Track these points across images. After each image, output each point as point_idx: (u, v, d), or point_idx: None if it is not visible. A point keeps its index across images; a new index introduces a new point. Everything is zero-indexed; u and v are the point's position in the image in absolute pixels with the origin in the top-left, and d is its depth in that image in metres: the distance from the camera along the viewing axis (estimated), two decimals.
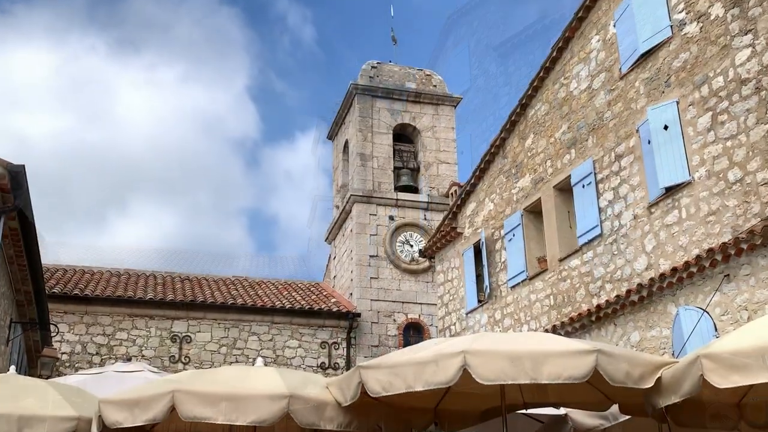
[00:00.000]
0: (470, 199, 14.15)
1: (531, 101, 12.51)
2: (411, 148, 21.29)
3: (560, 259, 11.27)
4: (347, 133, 21.70)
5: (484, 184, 13.71)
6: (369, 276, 19.30)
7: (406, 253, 19.74)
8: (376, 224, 19.86)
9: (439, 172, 20.79)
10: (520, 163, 12.60)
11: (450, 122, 21.40)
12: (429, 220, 20.22)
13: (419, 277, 19.57)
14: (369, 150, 20.38)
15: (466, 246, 13.98)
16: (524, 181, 12.42)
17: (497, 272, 12.94)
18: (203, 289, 19.28)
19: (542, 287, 11.65)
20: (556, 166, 11.65)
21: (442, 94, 21.43)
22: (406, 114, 21.14)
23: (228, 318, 17.94)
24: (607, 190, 10.46)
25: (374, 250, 19.59)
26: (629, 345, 9.53)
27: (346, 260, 20.32)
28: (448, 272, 14.64)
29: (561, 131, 11.62)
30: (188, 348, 17.46)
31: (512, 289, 12.40)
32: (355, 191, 19.94)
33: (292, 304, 18.66)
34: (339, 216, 21.01)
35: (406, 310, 19.22)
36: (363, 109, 20.70)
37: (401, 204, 20.11)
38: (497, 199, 13.20)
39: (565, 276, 11.14)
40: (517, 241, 12.26)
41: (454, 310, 14.20)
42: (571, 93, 11.48)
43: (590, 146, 10.89)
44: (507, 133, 13.09)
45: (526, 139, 12.56)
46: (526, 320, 11.94)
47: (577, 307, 10.75)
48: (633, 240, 9.90)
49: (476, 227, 13.75)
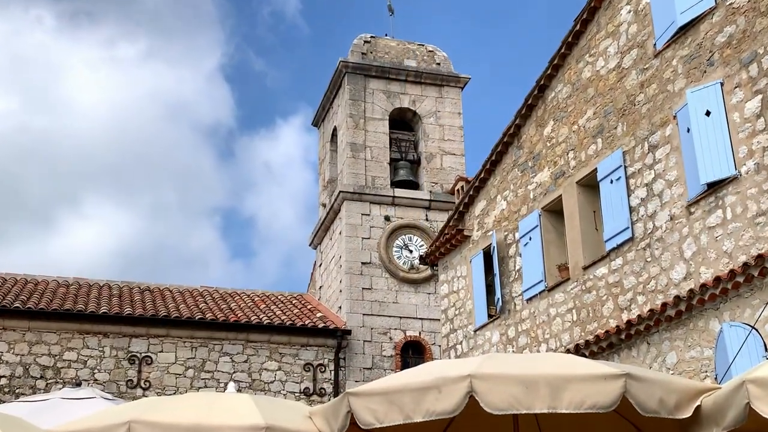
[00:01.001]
0: (479, 197, 14.16)
1: (550, 82, 12.53)
2: (411, 136, 21.32)
3: (584, 267, 11.30)
4: (335, 119, 21.70)
5: (495, 180, 13.73)
6: (361, 286, 19.31)
7: (404, 259, 19.76)
8: (370, 226, 19.88)
9: (444, 165, 20.82)
10: (538, 155, 12.62)
11: (456, 106, 21.43)
12: (431, 221, 20.24)
13: (420, 288, 19.59)
14: (361, 139, 20.40)
15: (474, 251, 14.00)
16: (542, 175, 12.45)
17: (511, 282, 12.96)
18: (166, 301, 19.26)
19: (563, 300, 11.67)
20: (579, 158, 11.68)
21: (447, 73, 21.47)
22: (405, 97, 21.16)
23: (196, 336, 17.92)
24: (639, 187, 10.48)
25: (367, 255, 19.60)
26: (664, 368, 9.56)
27: (334, 268, 20.33)
28: (453, 282, 14.66)
29: (585, 117, 11.64)
30: (149, 371, 17.44)
31: (528, 302, 12.42)
32: (344, 187, 19.95)
33: (271, 319, 18.66)
34: (326, 216, 21.01)
35: (404, 327, 19.24)
36: (354, 90, 20.72)
37: (399, 202, 20.14)
38: (511, 196, 13.22)
39: (590, 287, 11.16)
40: (534, 245, 12.28)
41: (460, 326, 14.22)
42: (598, 73, 11.50)
43: (620, 135, 10.92)
44: (522, 120, 13.10)
45: (544, 127, 12.58)
46: (545, 338, 11.96)
47: (604, 323, 10.77)
48: (669, 245, 9.93)
49: (486, 229, 13.77)
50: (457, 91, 21.54)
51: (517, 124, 13.19)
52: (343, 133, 20.79)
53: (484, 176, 13.98)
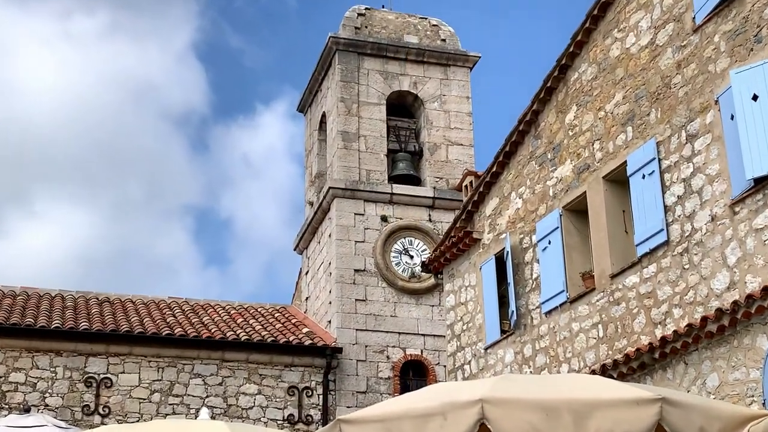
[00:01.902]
0: (491, 194, 14.18)
1: (573, 62, 12.55)
2: (411, 124, 21.35)
3: (612, 275, 11.32)
4: (324, 104, 21.72)
5: (509, 174, 13.75)
6: (353, 297, 19.32)
7: (404, 266, 19.77)
8: (364, 227, 19.89)
9: (450, 157, 20.85)
10: (559, 146, 12.65)
11: (464, 89, 21.46)
12: (435, 222, 20.25)
13: (422, 300, 19.61)
14: (354, 127, 20.42)
15: (485, 257, 14.02)
16: (564, 169, 12.47)
17: (527, 293, 12.98)
18: (129, 314, 19.23)
19: (588, 313, 11.69)
20: (606, 149, 11.70)
21: (453, 51, 21.51)
22: (405, 78, 21.18)
23: (163, 354, 17.91)
24: (675, 182, 10.50)
25: (361, 262, 19.61)
26: (705, 391, 9.58)
27: (323, 276, 20.34)
28: (460, 293, 14.67)
29: (613, 102, 11.66)
30: (108, 394, 17.42)
31: (547, 316, 12.44)
32: (334, 183, 19.97)
33: (250, 335, 18.66)
34: (313, 216, 21.03)
35: (404, 344, 19.25)
36: (346, 71, 20.74)
37: (398, 200, 20.15)
38: (527, 193, 13.24)
39: (619, 298, 11.18)
40: (554, 250, 12.30)
41: (468, 343, 14.23)
42: (628, 51, 11.52)
43: (653, 123, 10.94)
44: (541, 105, 13.12)
45: (566, 113, 12.61)
46: (566, 358, 11.97)
47: (635, 340, 10.79)
48: (710, 249, 9.95)
49: (499, 232, 13.79)
50: (465, 72, 21.56)
51: (535, 110, 13.20)
52: (333, 120, 20.81)
53: (497, 170, 13.99)
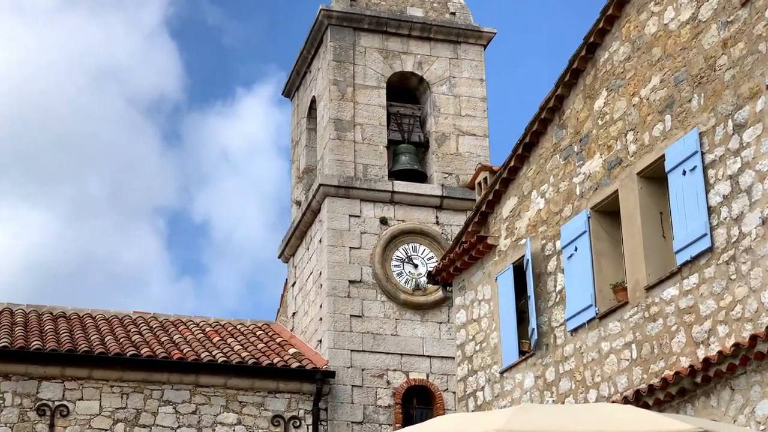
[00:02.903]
0: (509, 193, 14.18)
1: (603, 40, 12.58)
2: (416, 110, 21.32)
3: (648, 287, 11.34)
4: (314, 87, 21.70)
5: (529, 170, 13.76)
6: (348, 313, 19.31)
7: (406, 277, 19.76)
8: (360, 231, 19.88)
9: (461, 150, 20.83)
10: (587, 137, 12.68)
11: (477, 70, 21.44)
12: (444, 225, 20.24)
13: (428, 316, 19.59)
14: (349, 114, 20.42)
15: (501, 266, 14.02)
16: (593, 164, 12.50)
17: (550, 307, 13.00)
18: (89, 332, 19.18)
19: (620, 331, 11.72)
20: (642, 140, 11.74)
21: (465, 26, 21.49)
22: (409, 57, 21.17)
23: (127, 378, 17.89)
24: (721, 180, 10.54)
25: (357, 272, 19.61)
26: (753, 421, 9.59)
27: (312, 288, 20.33)
28: (473, 307, 14.68)
29: (650, 87, 11.70)
30: (64, 424, 17.39)
31: (573, 334, 12.47)
32: (326, 179, 19.94)
33: (228, 356, 18.64)
34: (301, 218, 20.99)
35: (406, 367, 19.23)
36: (340, 49, 20.74)
37: (400, 199, 20.12)
38: (551, 192, 13.27)
39: (656, 313, 11.21)
40: (582, 258, 12.33)
41: (482, 366, 14.24)
42: (666, 27, 11.57)
43: (695, 110, 10.98)
44: (566, 90, 13.14)
45: (595, 99, 12.64)
46: (594, 383, 12.00)
47: (674, 362, 10.82)
48: (761, 257, 9.95)
49: (518, 237, 13.82)
50: (478, 50, 21.53)
51: (559, 95, 13.19)
52: (324, 107, 20.76)
53: (515, 165, 13.96)
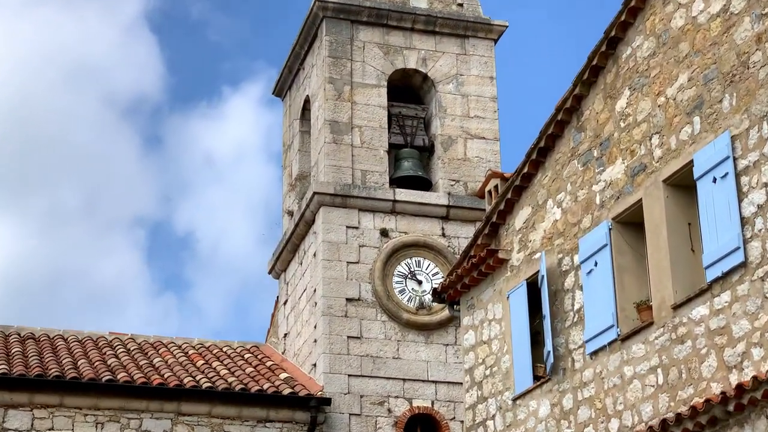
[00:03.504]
0: (522, 202, 14.17)
1: (625, 34, 12.56)
2: (420, 111, 21.33)
3: (675, 306, 11.33)
4: (308, 85, 21.71)
5: (545, 176, 13.76)
6: (345, 334, 19.27)
7: (409, 294, 19.73)
8: (359, 244, 19.87)
9: (469, 154, 20.82)
10: (608, 140, 12.66)
11: (487, 67, 21.45)
12: (450, 238, 20.22)
13: (433, 337, 19.55)
14: (346, 115, 20.41)
15: (514, 283, 14.00)
16: (614, 170, 12.49)
17: (567, 328, 12.98)
18: (60, 355, 19.16)
19: (644, 354, 11.69)
20: (668, 145, 11.74)
21: (473, 18, 21.49)
22: (412, 53, 21.17)
23: (102, 406, 17.84)
24: (755, 188, 10.52)
25: (355, 289, 19.59)
26: None
27: (306, 307, 20.31)
28: (482, 328, 14.66)
29: (677, 85, 11.69)
30: None
31: (593, 357, 12.44)
32: (321, 186, 19.92)
33: (214, 382, 18.61)
34: (293, 230, 20.99)
35: (410, 394, 19.19)
36: (336, 44, 20.73)
37: (402, 209, 20.12)
38: (568, 201, 13.26)
39: (684, 335, 11.19)
40: (602, 274, 12.30)
41: (493, 393, 14.23)
42: (695, 20, 11.56)
43: (727, 111, 10.97)
44: (585, 89, 13.12)
45: (616, 99, 12.63)
46: (617, 411, 11.97)
47: (704, 388, 10.80)
48: None
49: (532, 250, 13.80)
50: (488, 45, 21.52)
51: (577, 94, 13.17)
52: (319, 107, 20.75)
53: (529, 171, 13.93)
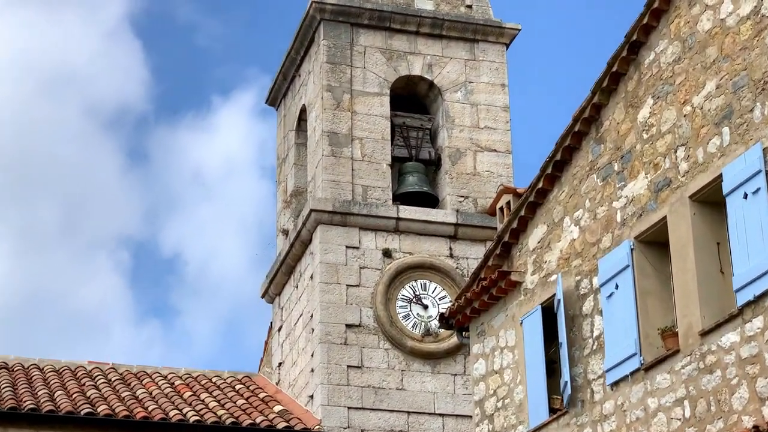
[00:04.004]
0: (536, 220, 14.15)
1: (648, 38, 12.56)
2: (425, 122, 21.38)
3: (703, 333, 11.30)
4: (304, 94, 21.73)
5: (561, 192, 13.75)
6: (345, 363, 19.26)
7: (414, 320, 19.72)
8: (359, 266, 19.86)
9: (479, 169, 20.84)
10: (629, 153, 12.65)
11: (499, 74, 21.49)
12: (459, 259, 20.22)
13: (440, 367, 19.55)
14: (346, 126, 20.43)
15: (528, 307, 13.97)
16: (636, 186, 12.47)
17: (586, 356, 12.95)
18: (35, 386, 19.22)
19: (669, 384, 11.67)
20: (695, 158, 11.72)
21: (483, 21, 21.55)
22: (417, 59, 21.20)
23: None
24: None
25: (355, 314, 19.58)
26: None
27: (302, 334, 20.30)
28: (494, 357, 14.63)
29: (704, 94, 11.68)
30: None
31: (614, 388, 12.40)
32: (318, 203, 19.95)
33: (202, 415, 18.63)
34: (288, 251, 21.02)
35: (415, 428, 19.16)
36: (335, 49, 20.77)
37: (407, 228, 20.14)
38: (587, 219, 13.24)
39: (713, 363, 11.16)
40: (624, 297, 12.28)
41: (505, 427, 14.19)
42: (723, 23, 11.56)
43: (758, 122, 10.96)
44: (604, 97, 13.11)
45: (639, 108, 12.61)
46: None
47: (735, 421, 10.76)
48: None
49: (547, 272, 13.78)
50: (499, 50, 21.56)
51: (596, 103, 13.16)
52: (316, 117, 20.77)
53: (544, 187, 13.92)
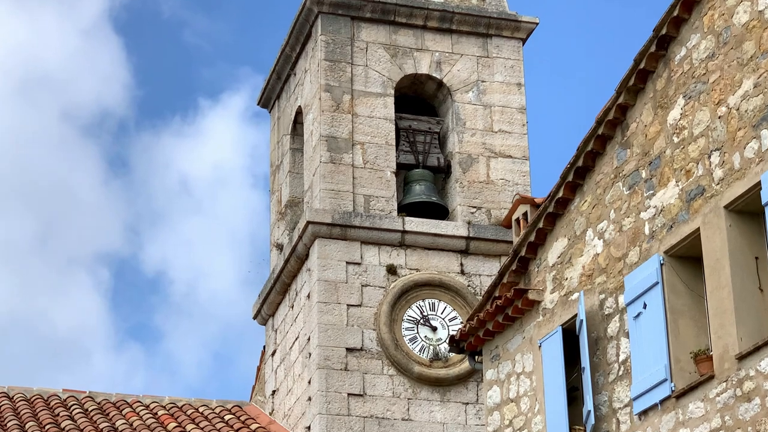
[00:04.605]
0: (556, 232, 14.17)
1: (679, 31, 12.58)
2: (434, 125, 21.46)
3: (740, 356, 11.28)
4: (300, 94, 21.80)
5: (583, 202, 13.76)
6: (346, 391, 19.29)
7: (422, 343, 19.77)
8: (361, 284, 19.90)
9: (493, 176, 20.91)
10: (658, 159, 12.65)
11: (514, 72, 21.61)
12: (471, 276, 20.26)
13: (450, 394, 19.60)
14: (346, 129, 20.49)
15: (547, 329, 13.97)
16: (666, 194, 12.47)
17: (611, 383, 12.94)
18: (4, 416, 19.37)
19: (703, 414, 11.65)
20: (730, 164, 11.71)
21: (497, 14, 21.65)
22: (424, 56, 21.29)
23: None
24: None
25: (357, 337, 19.61)
26: None
27: (299, 359, 20.34)
28: (509, 383, 14.63)
29: (741, 93, 11.68)
30: None
31: (642, 418, 12.41)
32: (316, 215, 20.00)
33: None
34: (283, 267, 21.10)
35: None
36: (334, 45, 20.84)
37: (413, 242, 20.22)
38: (611, 231, 13.24)
39: (751, 390, 11.14)
40: (653, 318, 12.28)
41: None
42: (761, 15, 11.56)
43: None
44: (630, 97, 13.13)
45: (668, 109, 12.62)
46: None
47: None
48: None
49: (568, 290, 13.77)
50: (514, 46, 21.67)
51: (622, 104, 13.18)
52: (313, 120, 20.84)
53: (565, 196, 13.95)
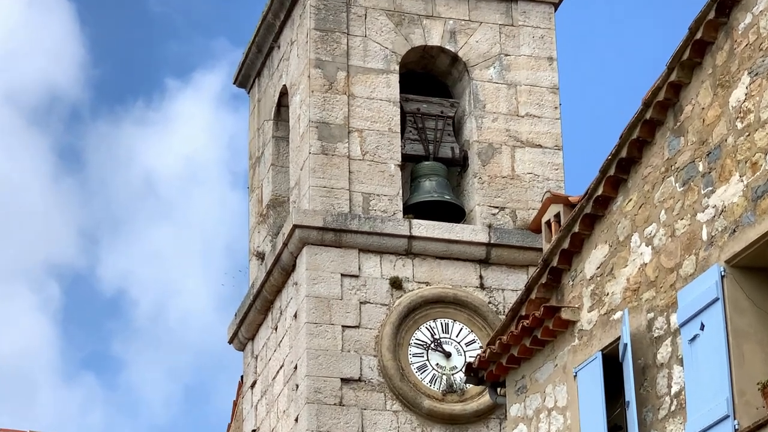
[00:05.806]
0: (595, 238, 14.26)
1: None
2: (447, 108, 21.69)
3: None
4: (285, 71, 22.01)
5: (627, 201, 13.82)
6: (341, 430, 19.51)
7: (433, 373, 19.93)
8: (359, 300, 20.05)
9: (519, 170, 21.13)
10: (718, 148, 12.69)
11: (545, 44, 21.98)
12: (492, 290, 20.42)
13: None
14: (341, 113, 20.67)
15: (584, 355, 14.06)
16: (728, 191, 12.49)
17: (662, 420, 13.00)
18: None
19: None
20: None
21: None
22: (436, 24, 21.53)
23: None
24: None
25: (354, 364, 19.77)
26: None
27: (284, 391, 20.49)
28: (539, 420, 14.73)
29: None
30: None
31: None
32: (305, 217, 20.19)
33: None
34: (264, 280, 21.32)
35: None
36: (326, 11, 21.09)
37: (422, 249, 20.47)
38: (661, 236, 13.29)
39: None
40: (712, 341, 12.31)
41: None
42: None
43: None
44: (684, 74, 13.19)
45: (730, 88, 12.65)
46: None
47: None
48: None
49: (610, 308, 13.84)
50: (545, 13, 22.00)
51: (674, 82, 13.25)
52: (301, 102, 21.05)
53: (605, 194, 14.06)
